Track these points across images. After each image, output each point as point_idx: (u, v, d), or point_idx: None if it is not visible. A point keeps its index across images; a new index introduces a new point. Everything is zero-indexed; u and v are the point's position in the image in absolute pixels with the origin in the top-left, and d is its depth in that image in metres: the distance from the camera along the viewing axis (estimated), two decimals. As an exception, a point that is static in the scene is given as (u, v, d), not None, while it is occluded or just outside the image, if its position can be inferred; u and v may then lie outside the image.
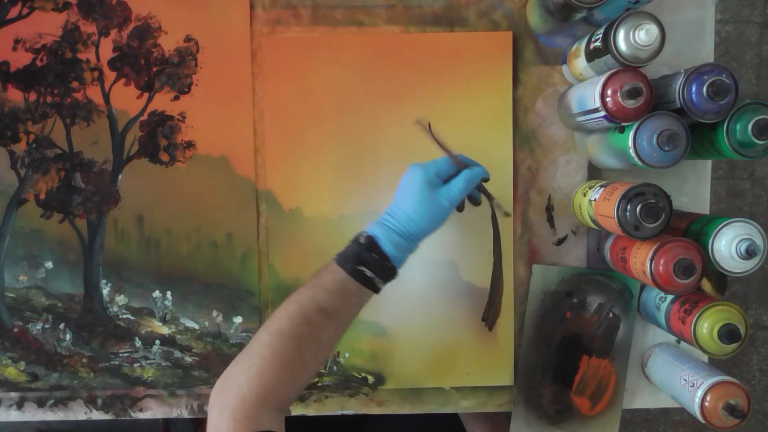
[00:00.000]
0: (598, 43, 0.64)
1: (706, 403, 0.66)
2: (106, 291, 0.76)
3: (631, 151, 0.63)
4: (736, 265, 0.63)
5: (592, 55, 0.66)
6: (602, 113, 0.63)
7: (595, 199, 0.68)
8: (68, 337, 0.77)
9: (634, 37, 0.60)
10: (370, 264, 0.62)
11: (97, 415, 0.79)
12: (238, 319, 0.77)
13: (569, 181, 0.78)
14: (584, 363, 0.78)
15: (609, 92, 0.61)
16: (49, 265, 0.76)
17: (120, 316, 0.77)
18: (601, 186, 0.69)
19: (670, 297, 0.71)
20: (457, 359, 0.78)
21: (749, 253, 0.61)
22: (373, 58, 0.75)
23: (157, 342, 0.77)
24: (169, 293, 0.77)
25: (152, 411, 0.79)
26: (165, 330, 0.77)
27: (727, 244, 0.62)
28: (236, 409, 0.54)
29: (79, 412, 0.79)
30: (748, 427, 1.61)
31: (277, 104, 0.76)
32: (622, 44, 0.61)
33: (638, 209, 0.61)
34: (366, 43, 0.75)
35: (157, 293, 0.77)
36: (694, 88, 0.60)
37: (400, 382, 0.78)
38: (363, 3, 0.76)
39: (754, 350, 1.67)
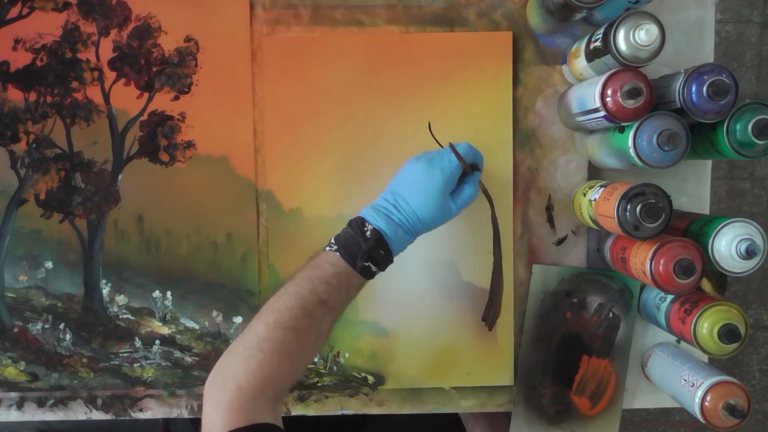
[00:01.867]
0: (598, 43, 0.64)
1: (706, 403, 0.66)
2: (106, 291, 0.76)
3: (631, 151, 0.63)
4: (736, 265, 0.63)
5: (592, 55, 0.66)
6: (602, 113, 0.63)
7: (595, 199, 0.68)
8: (68, 337, 0.77)
9: (634, 37, 0.60)
10: (377, 260, 0.62)
11: (97, 415, 0.79)
12: (238, 319, 0.77)
13: (569, 181, 0.78)
14: (584, 363, 0.78)
15: (609, 92, 0.61)
16: (49, 265, 0.76)
17: (120, 316, 0.77)
18: (601, 186, 0.69)
19: (670, 297, 0.71)
20: (457, 359, 0.78)
21: (749, 253, 0.61)
22: (373, 58, 0.75)
23: (157, 342, 0.77)
24: (169, 293, 0.77)
25: (152, 411, 0.79)
26: (165, 330, 0.77)
27: (727, 244, 0.62)
28: (232, 401, 0.53)
29: (79, 412, 0.79)
30: (748, 427, 1.61)
31: (277, 104, 0.76)
32: (622, 44, 0.61)
33: (638, 209, 0.61)
34: (366, 43, 0.75)
35: (157, 293, 0.77)
36: (694, 88, 0.60)
37: (400, 382, 0.78)
38: (363, 3, 0.76)
39: (754, 350, 1.67)
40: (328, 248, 0.62)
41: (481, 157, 0.69)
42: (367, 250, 0.61)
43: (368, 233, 0.61)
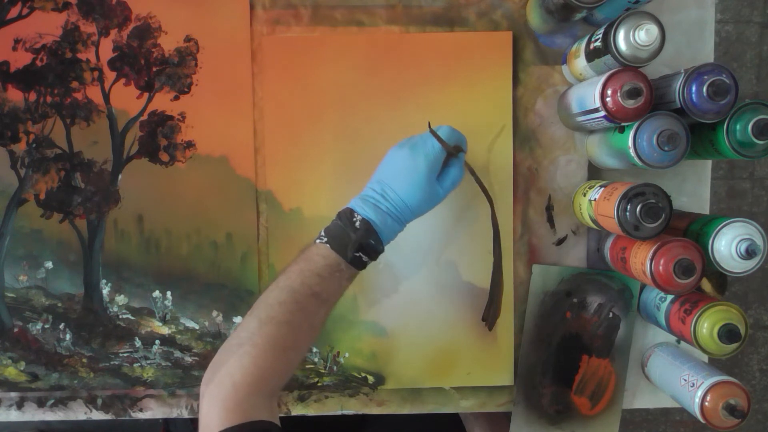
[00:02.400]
0: (598, 43, 0.64)
1: (706, 403, 0.66)
2: (106, 291, 0.76)
3: (631, 151, 0.63)
4: (736, 265, 0.63)
5: (592, 55, 0.66)
6: (602, 113, 0.63)
7: (595, 199, 0.68)
8: (68, 337, 0.77)
9: (634, 37, 0.60)
10: (367, 250, 0.61)
11: (97, 415, 0.79)
12: (238, 319, 0.77)
13: (569, 181, 0.78)
14: (584, 363, 0.78)
15: (609, 92, 0.61)
16: (49, 265, 0.76)
17: (120, 316, 0.77)
18: (601, 186, 0.69)
19: (670, 297, 0.71)
20: (457, 359, 0.78)
21: (749, 253, 0.61)
22: (373, 58, 0.75)
23: (157, 342, 0.77)
24: (169, 293, 0.77)
25: (152, 411, 0.79)
26: (165, 330, 0.77)
27: (727, 244, 0.62)
28: (227, 398, 0.53)
29: (79, 412, 0.79)
30: (748, 427, 1.61)
31: (277, 104, 0.76)
32: (622, 44, 0.61)
33: (638, 209, 0.61)
34: (366, 43, 0.75)
35: (157, 293, 0.77)
36: (694, 88, 0.60)
37: (400, 382, 0.78)
38: (363, 3, 0.76)
39: (754, 350, 1.67)
40: (318, 240, 0.62)
41: (464, 138, 0.68)
42: (357, 240, 0.60)
43: (357, 223, 0.61)
